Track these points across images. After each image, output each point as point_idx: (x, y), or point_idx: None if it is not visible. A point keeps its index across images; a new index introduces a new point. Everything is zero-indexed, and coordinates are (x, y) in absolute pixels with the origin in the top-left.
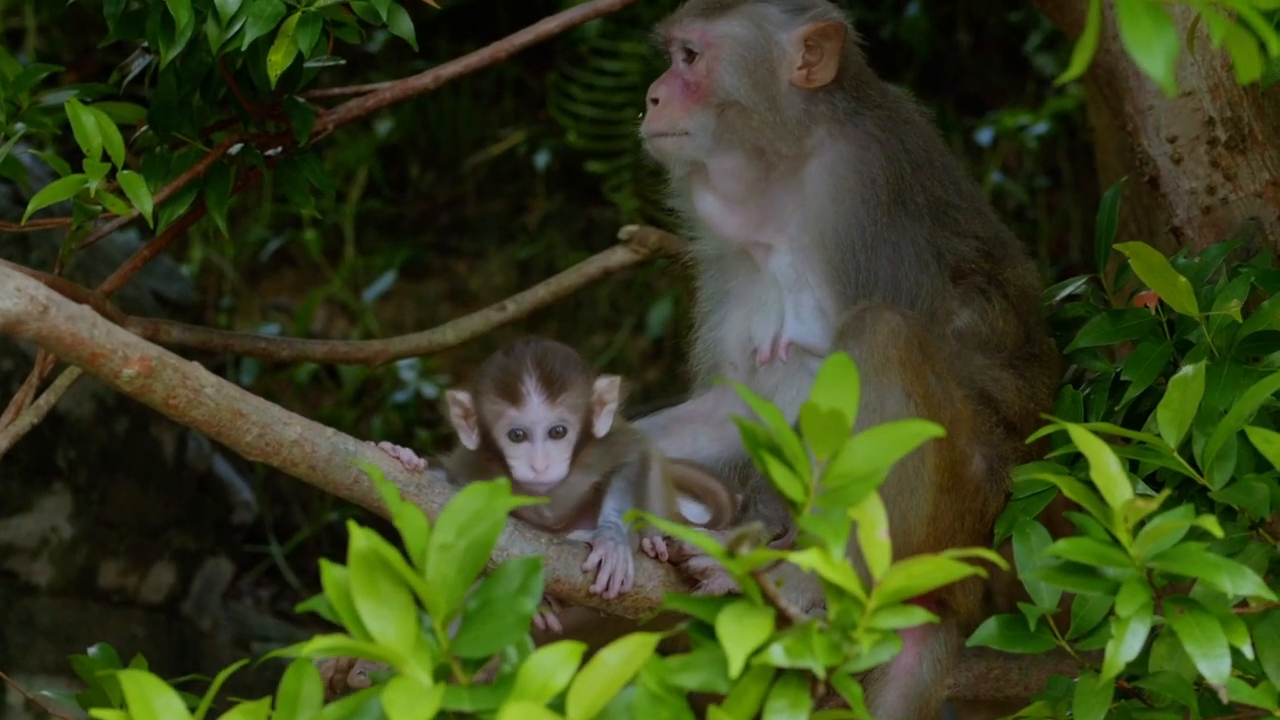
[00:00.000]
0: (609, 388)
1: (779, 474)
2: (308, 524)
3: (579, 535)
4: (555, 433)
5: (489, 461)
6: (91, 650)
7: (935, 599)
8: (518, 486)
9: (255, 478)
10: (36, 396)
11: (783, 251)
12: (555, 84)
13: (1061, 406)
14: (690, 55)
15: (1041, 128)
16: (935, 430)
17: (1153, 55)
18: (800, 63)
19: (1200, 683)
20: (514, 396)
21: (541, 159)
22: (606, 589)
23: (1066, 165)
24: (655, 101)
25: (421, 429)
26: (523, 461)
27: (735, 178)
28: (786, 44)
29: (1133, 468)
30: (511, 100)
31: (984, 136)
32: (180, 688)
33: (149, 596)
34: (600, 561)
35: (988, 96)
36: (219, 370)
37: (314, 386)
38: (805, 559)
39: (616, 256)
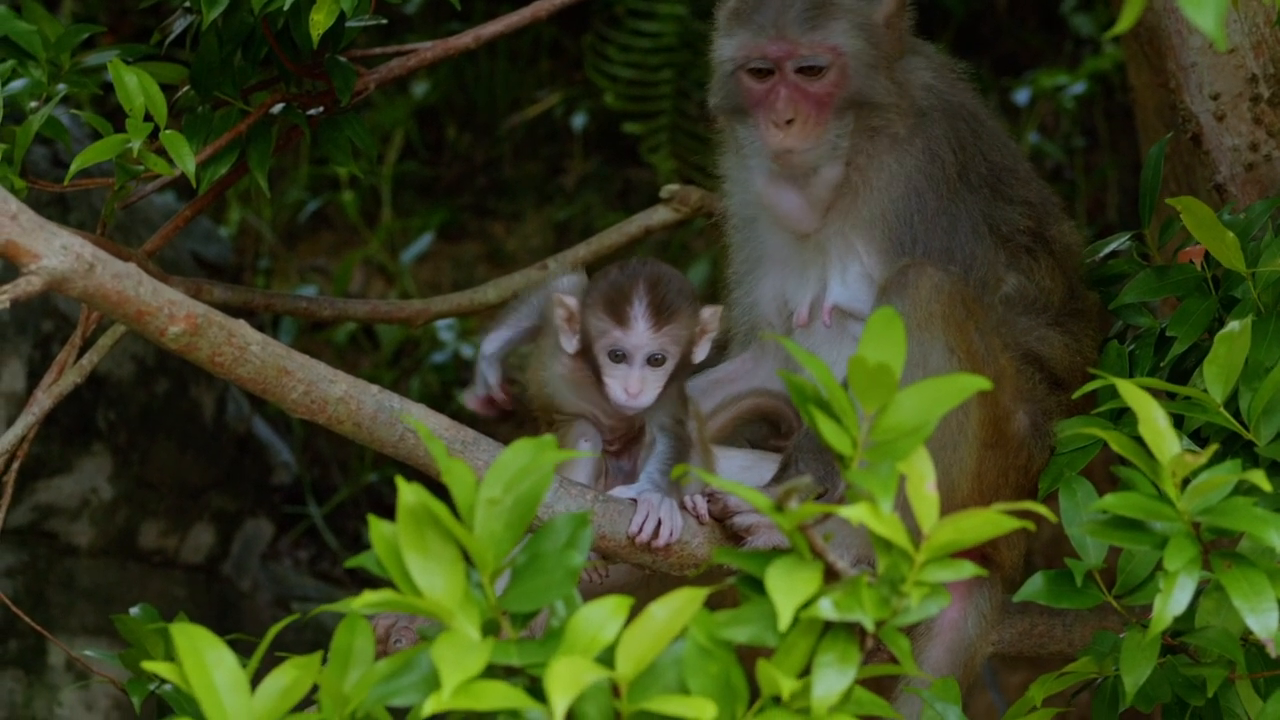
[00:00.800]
0: (712, 317)
1: (827, 428)
2: (346, 485)
3: (622, 491)
4: (654, 360)
5: (580, 366)
6: (134, 610)
7: (979, 554)
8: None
9: (294, 439)
10: (79, 357)
11: (830, 222)
12: (592, 45)
13: (1107, 362)
14: (813, 70)
15: (1079, 88)
16: (983, 384)
17: (1203, 9)
18: (891, 45)
19: (1247, 637)
20: (622, 318)
21: (578, 120)
22: (655, 537)
23: (1103, 125)
24: (789, 123)
25: (459, 389)
26: (618, 383)
27: (834, 185)
28: (883, 29)
29: (1178, 423)
30: (548, 62)
31: (1021, 97)
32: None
33: (189, 557)
34: (646, 516)
35: (1024, 57)
36: (258, 331)
37: (352, 348)
38: (854, 513)
39: (658, 215)
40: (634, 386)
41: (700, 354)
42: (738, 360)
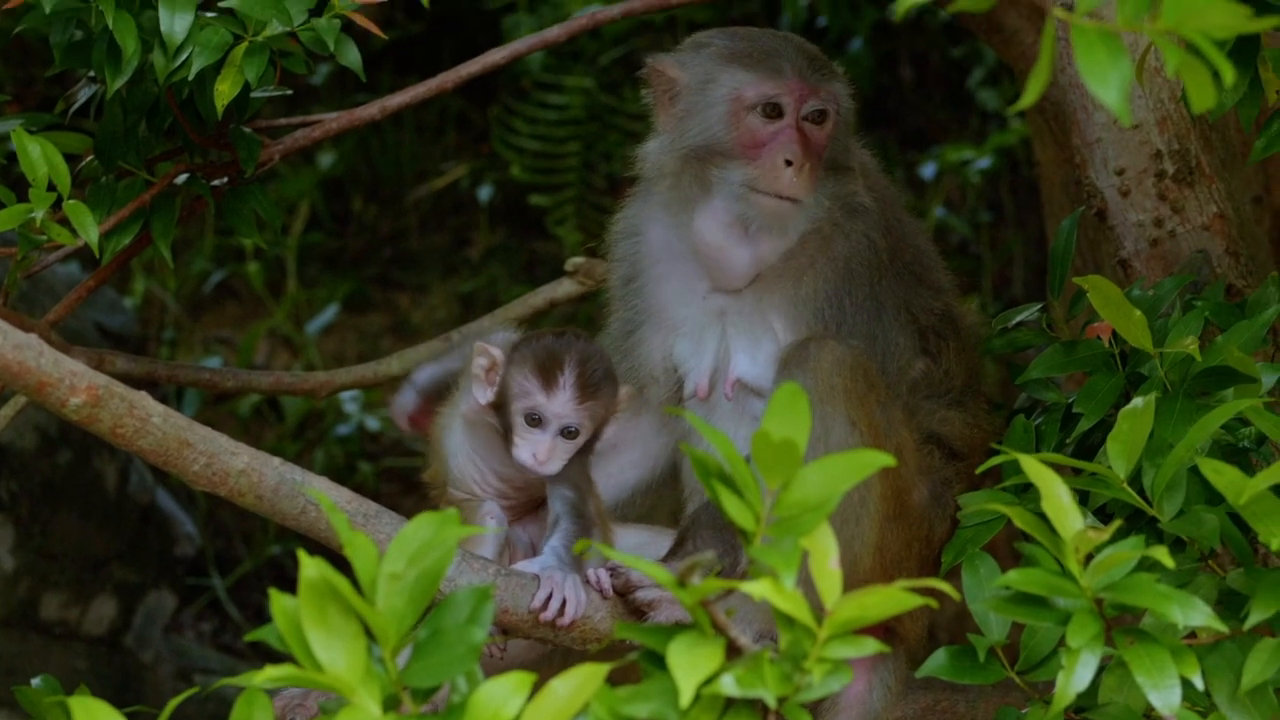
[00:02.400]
0: (626, 397)
1: (730, 503)
2: (250, 557)
3: (525, 566)
4: (568, 432)
5: (486, 420)
6: (35, 681)
7: (884, 628)
8: (490, 475)
9: (198, 511)
10: None
11: (747, 294)
12: (498, 117)
13: (1013, 436)
14: (820, 116)
15: (985, 162)
16: (887, 460)
17: (1107, 84)
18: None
19: (1150, 714)
20: (549, 383)
21: (484, 192)
22: (561, 614)
23: (1009, 200)
24: (801, 168)
25: (364, 462)
26: (528, 447)
27: (787, 248)
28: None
29: (1083, 499)
30: (454, 134)
31: (927, 171)
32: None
33: (91, 629)
34: (550, 593)
35: (931, 131)
36: (161, 402)
37: (256, 419)
38: (757, 588)
39: (563, 288)
40: (543, 454)
41: (607, 434)
42: (616, 424)
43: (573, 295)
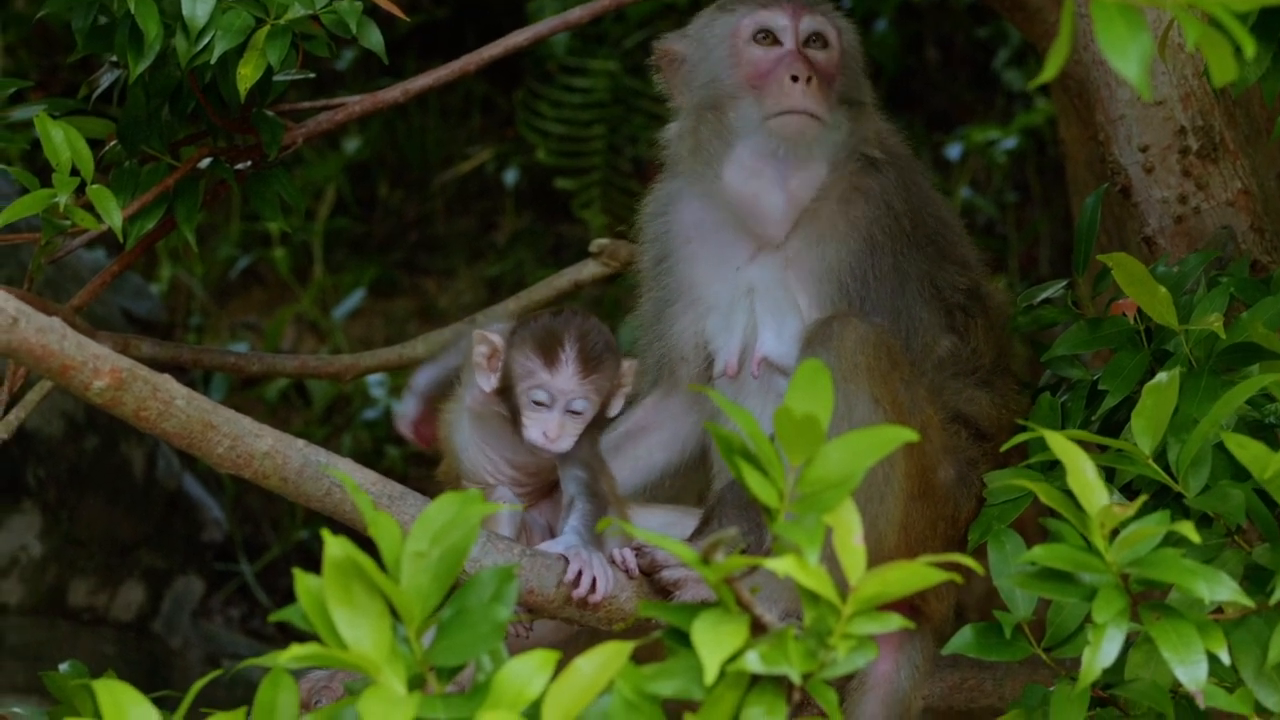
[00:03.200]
0: (628, 370)
1: (754, 480)
2: (277, 542)
3: (548, 546)
4: (575, 409)
5: (493, 409)
6: (62, 667)
7: (909, 606)
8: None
9: (225, 496)
10: (5, 413)
11: (772, 265)
12: (523, 101)
13: (1039, 413)
14: (821, 41)
15: (1010, 143)
16: (910, 435)
17: (1127, 57)
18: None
19: (1176, 689)
20: (551, 360)
21: (510, 176)
22: (592, 591)
23: (1035, 180)
24: (809, 81)
25: (391, 446)
26: (537, 426)
27: (818, 184)
28: (857, 50)
29: (1109, 476)
30: (480, 118)
31: (953, 152)
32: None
33: (119, 615)
34: (580, 570)
35: (957, 112)
36: (189, 388)
37: (283, 404)
38: (781, 565)
39: (588, 270)
40: (553, 431)
41: (614, 409)
42: (646, 405)
43: (597, 277)
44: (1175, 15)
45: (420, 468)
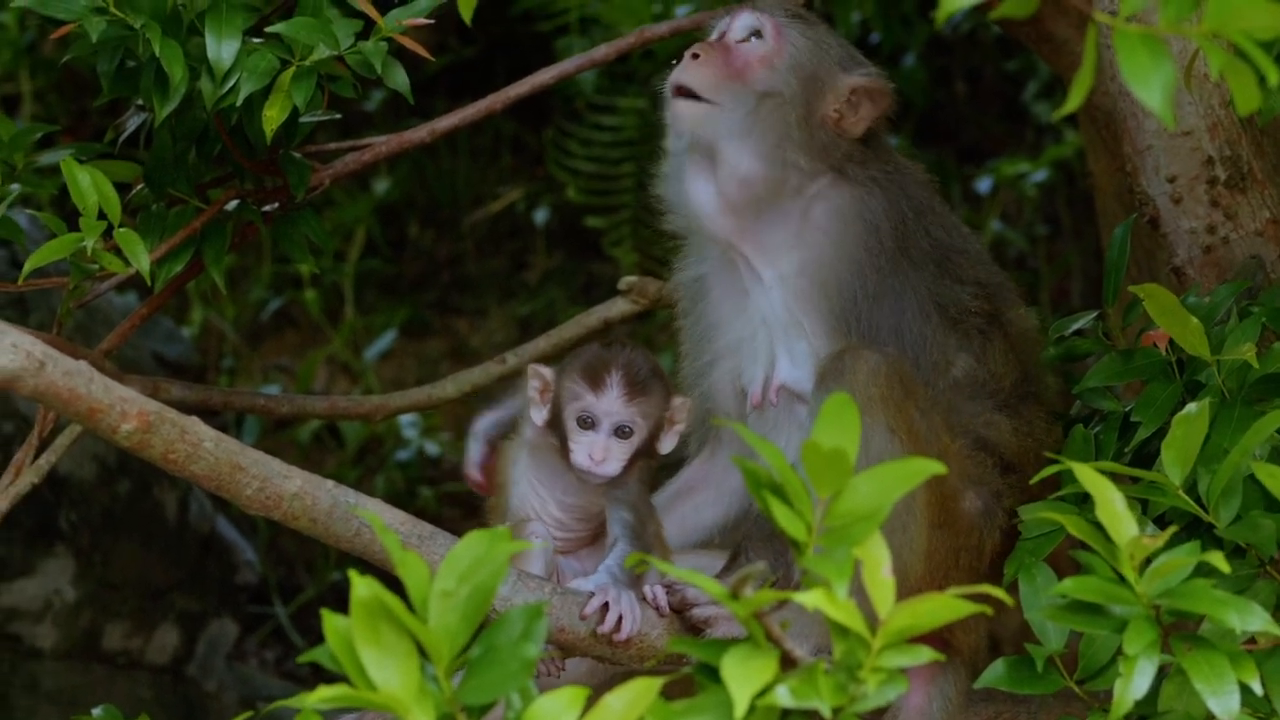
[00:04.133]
0: (681, 407)
1: (781, 514)
2: (312, 584)
3: (580, 584)
4: (622, 431)
5: (548, 442)
6: (96, 711)
7: (939, 639)
8: (557, 482)
9: (259, 539)
10: (36, 457)
11: (773, 289)
12: (553, 140)
13: (1072, 445)
14: (754, 35)
15: (1040, 175)
16: (937, 467)
17: (1151, 87)
18: (836, 106)
19: None
20: (596, 383)
21: (540, 215)
22: (617, 629)
23: (1066, 212)
24: (695, 57)
25: (425, 487)
26: (583, 449)
27: (742, 181)
28: (838, 83)
29: (1143, 508)
30: (509, 157)
31: (983, 185)
32: None
33: (154, 658)
34: (605, 606)
35: (986, 146)
36: (221, 431)
37: (316, 446)
38: (810, 599)
39: (617, 307)
40: (598, 453)
41: (667, 445)
42: (694, 466)
43: (627, 315)
44: (1199, 44)
45: (454, 509)
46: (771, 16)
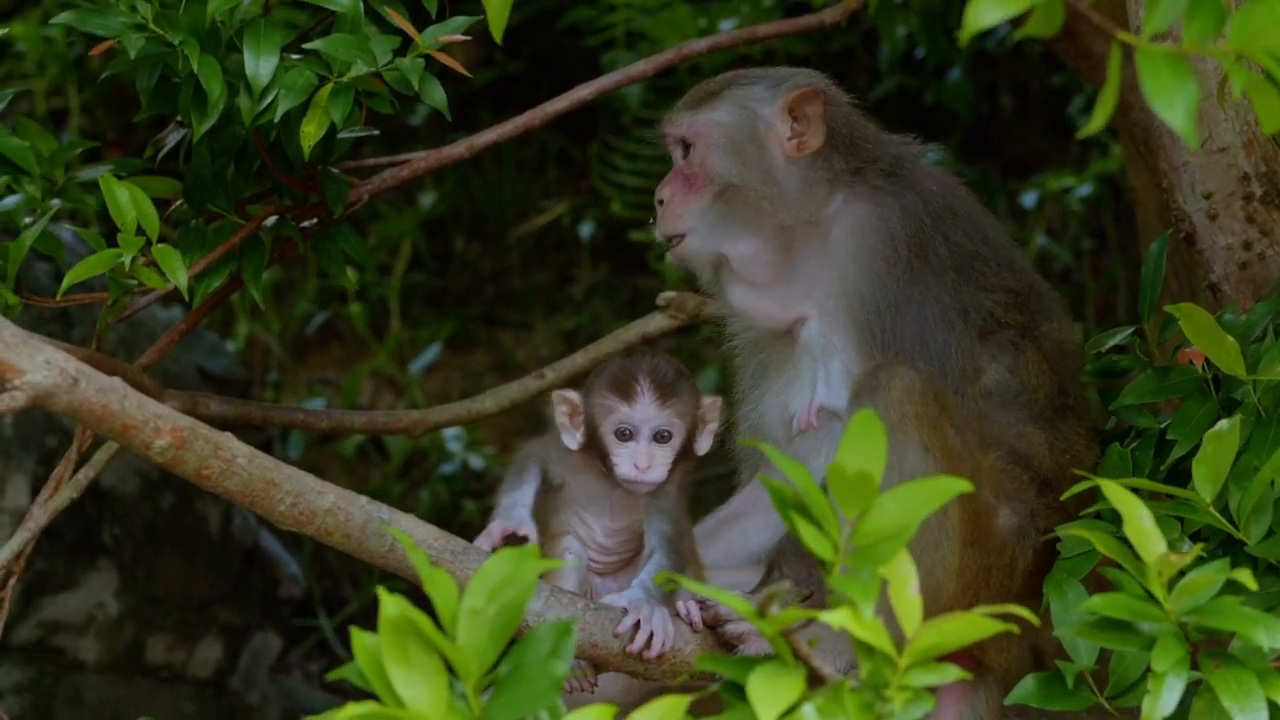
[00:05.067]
0: (711, 406)
1: (808, 533)
2: (356, 597)
3: (613, 599)
4: (661, 436)
5: (589, 463)
6: None
7: (970, 657)
8: (600, 500)
9: (303, 552)
10: (75, 472)
11: (813, 319)
12: (598, 154)
13: (1109, 464)
14: (686, 148)
15: (1085, 189)
16: (964, 485)
17: (1174, 107)
18: (789, 133)
19: None
20: (627, 394)
21: (586, 229)
22: (647, 647)
23: (1111, 227)
24: (661, 203)
25: (469, 500)
26: (627, 459)
27: (755, 261)
28: (771, 117)
29: (1183, 526)
30: (555, 171)
31: (1028, 200)
32: None
33: (197, 672)
34: (637, 623)
35: (1032, 160)
36: (266, 445)
37: (360, 460)
38: (836, 618)
39: (655, 322)
40: (643, 461)
41: (703, 446)
42: (743, 494)
43: (665, 329)
44: (1222, 63)
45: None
46: (684, 116)
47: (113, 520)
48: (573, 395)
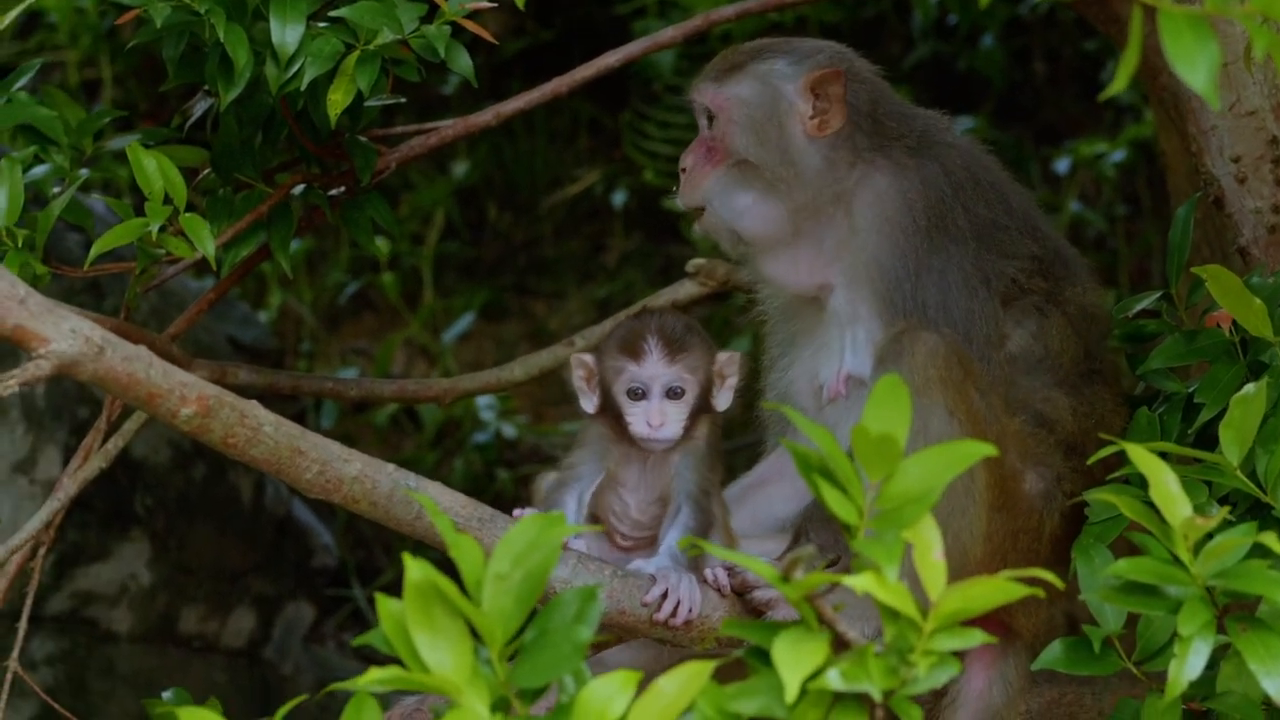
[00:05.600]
0: (729, 361)
1: (832, 497)
2: (390, 567)
3: (640, 565)
4: (673, 392)
5: (609, 431)
6: (166, 695)
7: (999, 622)
8: (625, 456)
9: (336, 522)
10: (105, 441)
11: (840, 288)
12: (630, 122)
13: (1137, 428)
14: (710, 118)
15: (1119, 155)
16: (988, 449)
17: (1195, 69)
18: (811, 112)
19: (1269, 702)
20: (635, 352)
21: (618, 198)
22: (674, 615)
23: (1145, 192)
24: (683, 170)
25: (502, 469)
26: (640, 418)
27: (773, 234)
28: (793, 96)
29: (1211, 490)
30: (587, 139)
31: (1061, 166)
32: None
33: (230, 642)
34: (665, 592)
35: (1065, 126)
36: (299, 416)
37: (394, 429)
38: (859, 582)
39: (685, 289)
40: (655, 418)
41: (723, 401)
42: (769, 459)
43: (694, 297)
44: (1244, 24)
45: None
46: (709, 86)
47: (145, 491)
48: (588, 359)
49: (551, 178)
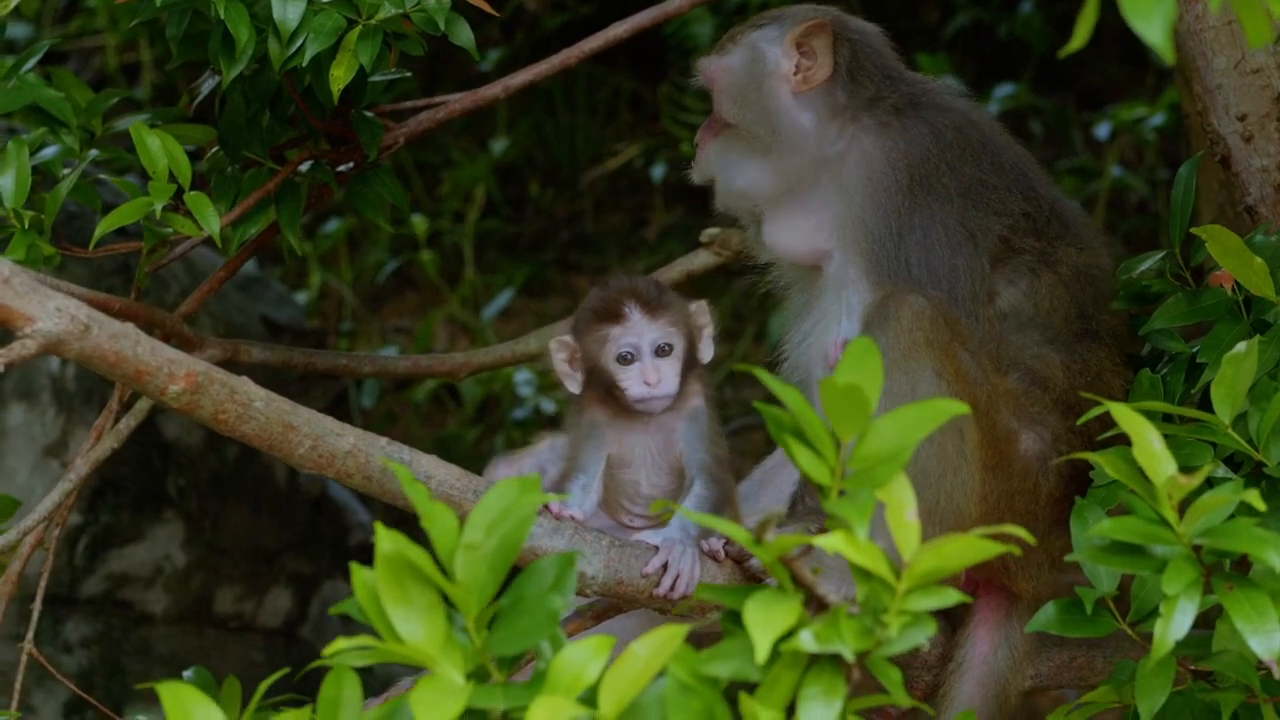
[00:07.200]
0: (700, 311)
1: (804, 458)
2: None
3: (647, 536)
4: (662, 350)
5: (601, 410)
6: (187, 674)
7: (1000, 586)
8: (624, 424)
9: (373, 500)
10: (116, 421)
11: (835, 254)
12: (669, 96)
13: (1139, 389)
14: (710, 89)
15: (1159, 119)
16: (961, 408)
17: (1150, 21)
18: (795, 69)
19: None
20: (617, 317)
21: (658, 171)
22: (672, 590)
23: (1186, 156)
24: (696, 145)
25: None
26: (635, 380)
27: (774, 200)
28: (778, 56)
29: (1216, 450)
30: (626, 114)
31: (1102, 131)
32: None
33: (267, 621)
34: (665, 565)
35: (1107, 91)
36: (341, 396)
37: (435, 407)
38: (830, 542)
39: (699, 259)
40: (651, 376)
41: (706, 352)
42: None
43: (709, 266)
44: None
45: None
46: (705, 62)
47: (178, 472)
48: (568, 339)
49: (592, 153)
